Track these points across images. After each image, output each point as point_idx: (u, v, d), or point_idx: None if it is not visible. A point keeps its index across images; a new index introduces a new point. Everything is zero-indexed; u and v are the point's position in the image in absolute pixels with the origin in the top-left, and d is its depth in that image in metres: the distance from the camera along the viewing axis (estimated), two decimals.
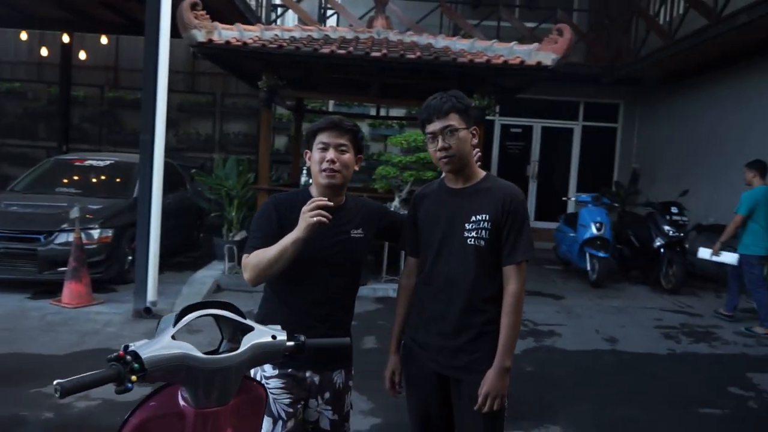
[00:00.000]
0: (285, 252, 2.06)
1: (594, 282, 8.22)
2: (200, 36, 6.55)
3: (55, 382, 1.31)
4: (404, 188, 7.07)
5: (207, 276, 7.15)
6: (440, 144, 2.19)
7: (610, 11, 11.91)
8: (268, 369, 2.21)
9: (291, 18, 12.49)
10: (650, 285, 8.43)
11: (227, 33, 6.74)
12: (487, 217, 2.17)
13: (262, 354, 1.63)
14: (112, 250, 6.59)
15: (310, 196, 2.19)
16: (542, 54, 6.60)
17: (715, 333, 6.30)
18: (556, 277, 8.94)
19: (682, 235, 8.15)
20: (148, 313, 5.71)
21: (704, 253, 6.82)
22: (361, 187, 8.30)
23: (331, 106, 12.19)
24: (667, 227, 8.15)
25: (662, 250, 8.16)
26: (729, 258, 6.50)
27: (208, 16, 6.76)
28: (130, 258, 6.79)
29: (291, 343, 1.68)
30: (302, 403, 2.24)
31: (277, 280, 2.21)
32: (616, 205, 10.43)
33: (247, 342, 1.58)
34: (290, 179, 9.81)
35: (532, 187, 12.98)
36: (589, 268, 8.33)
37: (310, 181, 2.37)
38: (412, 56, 6.59)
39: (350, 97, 9.70)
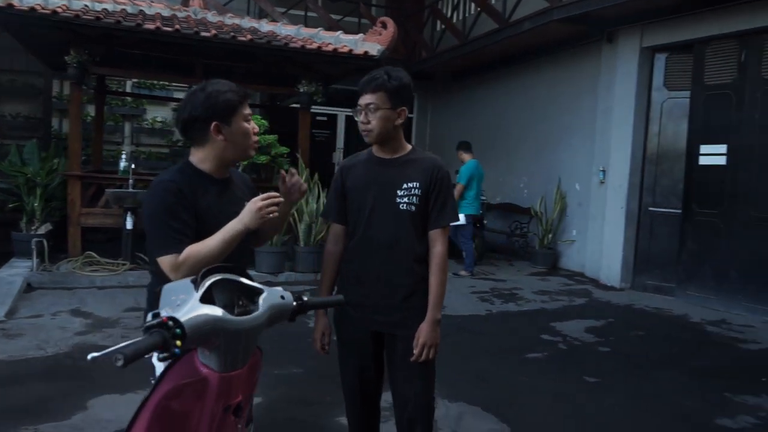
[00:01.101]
0: (231, 245, 1.97)
1: None
2: None
3: (116, 352, 1.26)
4: None
5: (13, 275, 6.29)
6: (362, 118, 2.36)
7: (405, 8, 12.83)
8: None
9: None
10: (455, 258, 9.44)
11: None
12: (418, 185, 2.37)
13: (275, 314, 1.67)
14: None
15: (201, 174, 2.09)
16: (368, 44, 7.00)
17: (518, 294, 7.36)
18: None
19: (482, 212, 9.25)
20: None
21: None
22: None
23: (129, 86, 11.34)
24: None
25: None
26: (461, 219, 7.96)
27: None
28: None
29: (295, 303, 1.74)
30: None
31: None
32: None
33: (265, 303, 1.62)
34: (93, 166, 8.96)
35: None
36: None
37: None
38: (244, 39, 6.53)
39: (169, 78, 9.16)
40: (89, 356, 1.28)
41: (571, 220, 9.04)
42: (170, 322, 1.37)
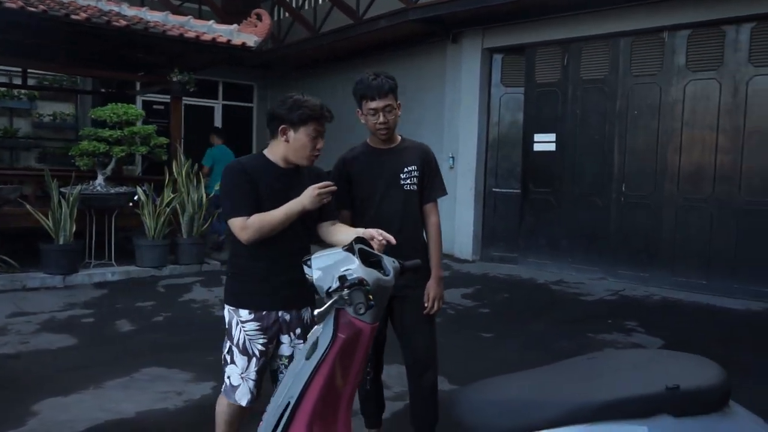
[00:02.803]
0: (291, 218, 2.42)
1: None
2: None
3: (350, 305, 1.56)
4: (110, 165, 6.63)
5: None
6: (381, 119, 2.77)
7: None
8: (244, 314, 2.51)
9: None
10: (321, 243, 9.85)
11: None
12: (415, 168, 2.88)
13: (395, 275, 2.04)
14: None
15: (269, 162, 2.53)
16: (245, 35, 7.09)
17: None
18: None
19: None
20: None
21: None
22: (62, 170, 7.30)
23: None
24: None
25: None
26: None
27: None
28: None
29: (398, 265, 2.09)
30: (275, 341, 2.57)
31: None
32: None
33: (390, 267, 1.97)
34: None
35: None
36: None
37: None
38: (119, 24, 6.24)
39: (30, 63, 8.18)
40: (316, 311, 1.56)
41: None
42: (365, 281, 1.69)
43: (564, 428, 1.59)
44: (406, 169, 2.86)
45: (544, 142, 8.43)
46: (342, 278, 1.72)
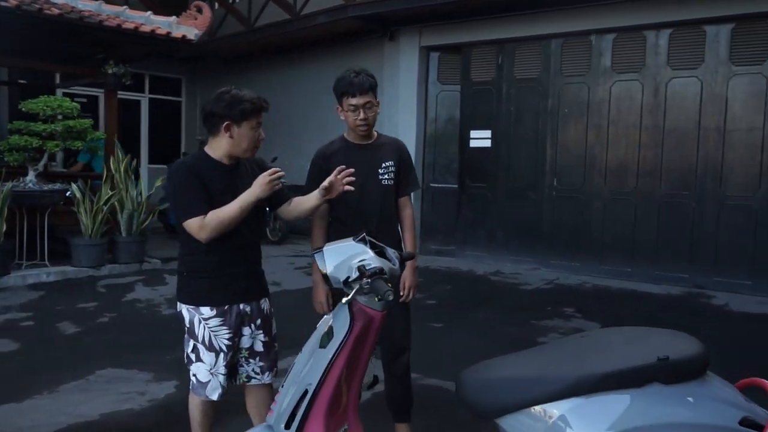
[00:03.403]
0: (246, 210, 2.44)
1: None
2: None
3: (378, 293, 1.66)
4: (42, 160, 6.31)
5: None
6: (362, 115, 2.86)
7: None
8: (206, 311, 2.54)
9: None
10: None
11: None
12: (393, 163, 3.00)
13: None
14: None
15: (212, 160, 2.53)
16: (185, 28, 6.93)
17: None
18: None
19: None
20: None
21: None
22: None
23: None
24: None
25: (267, 208, 9.56)
26: None
27: None
28: None
29: (398, 255, 2.18)
30: (239, 335, 2.61)
31: None
32: None
33: (394, 257, 2.07)
34: None
35: None
36: None
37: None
38: (52, 13, 5.95)
39: None
40: (344, 300, 1.64)
41: None
42: (383, 269, 1.79)
43: (567, 400, 1.75)
44: (384, 165, 2.97)
45: (480, 139, 8.75)
46: (361, 268, 1.80)
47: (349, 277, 1.82)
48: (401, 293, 2.96)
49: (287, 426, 1.88)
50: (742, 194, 6.91)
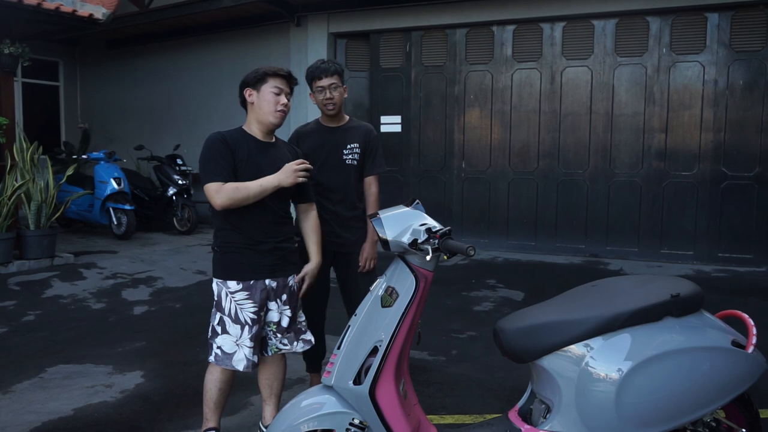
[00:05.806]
0: (265, 192, 2.59)
1: (122, 235, 8.58)
2: None
3: (459, 249, 1.84)
4: None
5: None
6: (327, 95, 3.11)
7: None
8: (232, 285, 2.65)
9: None
10: (166, 230, 9.41)
11: None
12: (358, 145, 3.25)
13: None
14: None
15: (246, 134, 2.72)
16: (91, 6, 6.54)
17: None
18: (80, 238, 8.76)
19: (188, 182, 9.40)
20: None
21: None
22: None
23: None
24: (176, 176, 9.24)
25: (174, 197, 9.24)
26: None
27: None
28: None
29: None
30: (264, 308, 2.72)
31: (234, 210, 2.60)
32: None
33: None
34: None
35: None
36: (115, 222, 8.61)
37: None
38: None
39: None
40: (428, 257, 1.81)
41: None
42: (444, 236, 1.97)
43: (600, 336, 2.06)
44: (349, 146, 3.21)
45: (391, 124, 9.04)
46: (429, 230, 1.97)
47: (416, 240, 1.98)
48: (359, 263, 3.19)
49: (355, 383, 2.01)
50: (628, 172, 7.79)
